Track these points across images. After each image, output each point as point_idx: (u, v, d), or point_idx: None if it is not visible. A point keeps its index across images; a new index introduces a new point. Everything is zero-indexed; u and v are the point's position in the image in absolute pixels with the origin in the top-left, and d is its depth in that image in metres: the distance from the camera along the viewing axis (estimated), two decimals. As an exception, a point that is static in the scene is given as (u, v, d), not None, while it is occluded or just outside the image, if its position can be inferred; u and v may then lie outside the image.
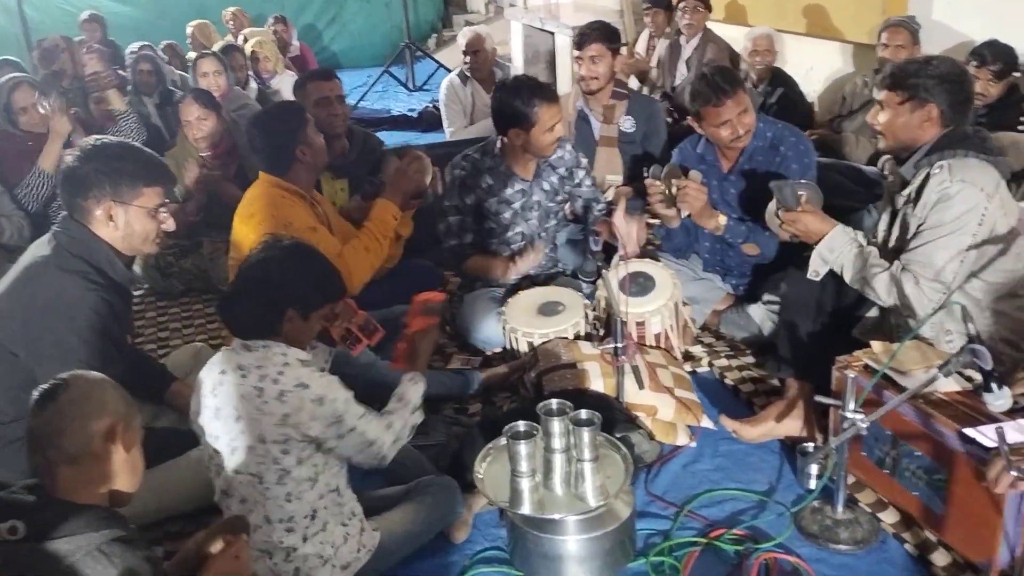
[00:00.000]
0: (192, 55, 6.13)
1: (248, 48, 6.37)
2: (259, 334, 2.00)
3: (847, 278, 2.58)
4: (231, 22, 7.92)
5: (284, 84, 6.21)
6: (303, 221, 2.89)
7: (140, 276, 4.21)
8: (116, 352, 2.34)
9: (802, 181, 2.90)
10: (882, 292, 2.50)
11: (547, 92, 3.23)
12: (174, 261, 4.16)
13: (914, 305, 2.44)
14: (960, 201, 2.36)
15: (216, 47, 6.10)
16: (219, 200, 4.01)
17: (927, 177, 2.44)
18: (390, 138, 6.98)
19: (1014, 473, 1.72)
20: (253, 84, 5.97)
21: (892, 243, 2.61)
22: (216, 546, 1.74)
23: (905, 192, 2.54)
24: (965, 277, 2.46)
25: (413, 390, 2.20)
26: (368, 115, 7.75)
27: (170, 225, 2.44)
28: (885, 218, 2.70)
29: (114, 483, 1.61)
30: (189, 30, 7.34)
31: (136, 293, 4.21)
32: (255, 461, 1.94)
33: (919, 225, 2.45)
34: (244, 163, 4.19)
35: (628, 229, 3.17)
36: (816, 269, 2.63)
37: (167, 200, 2.43)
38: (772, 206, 2.82)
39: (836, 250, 2.58)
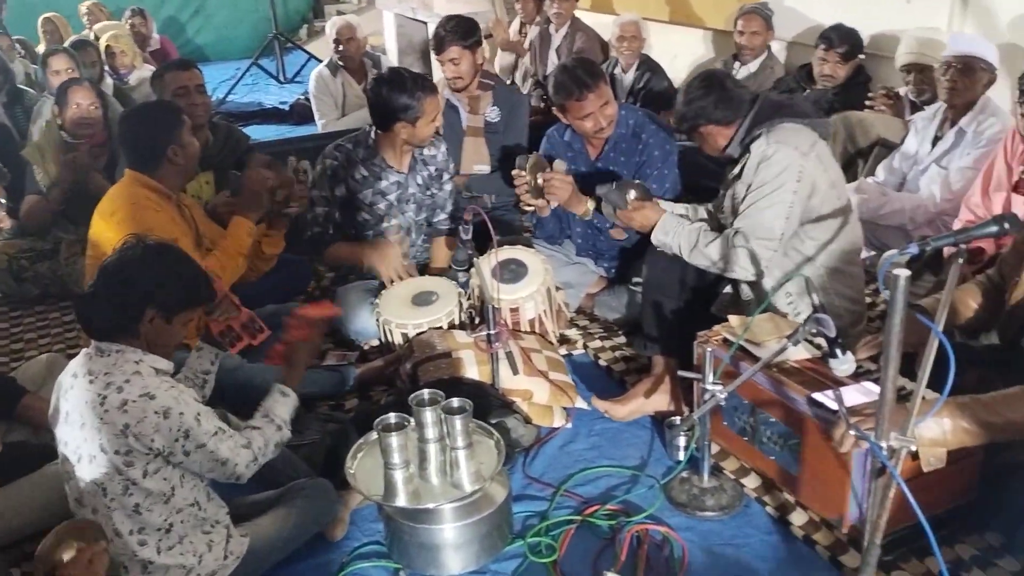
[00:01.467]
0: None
1: (102, 43, 6.07)
2: (115, 336, 1.93)
3: (684, 255, 2.71)
4: (87, 16, 7.52)
5: (144, 79, 5.95)
6: (165, 230, 2.74)
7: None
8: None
9: (632, 181, 3.04)
10: (716, 258, 2.64)
11: (428, 83, 3.25)
12: (28, 265, 3.93)
13: (747, 263, 2.59)
14: (777, 161, 2.54)
15: (67, 42, 5.78)
16: (84, 193, 3.82)
17: (747, 149, 2.62)
18: (262, 131, 6.80)
19: (852, 433, 1.83)
20: (109, 80, 5.69)
21: (728, 217, 2.78)
22: (68, 553, 1.66)
23: (736, 169, 2.69)
24: (817, 249, 2.62)
25: (282, 405, 2.12)
26: (238, 109, 7.51)
27: (7, 223, 2.33)
28: (728, 198, 2.84)
29: None
30: (39, 24, 6.94)
31: (-13, 302, 3.98)
32: (99, 471, 1.87)
33: (747, 190, 2.62)
34: (114, 158, 4.02)
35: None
36: (663, 250, 2.80)
37: (2, 200, 2.31)
38: (604, 202, 2.95)
39: (670, 232, 2.74)
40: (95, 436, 1.85)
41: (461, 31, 3.90)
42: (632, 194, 2.89)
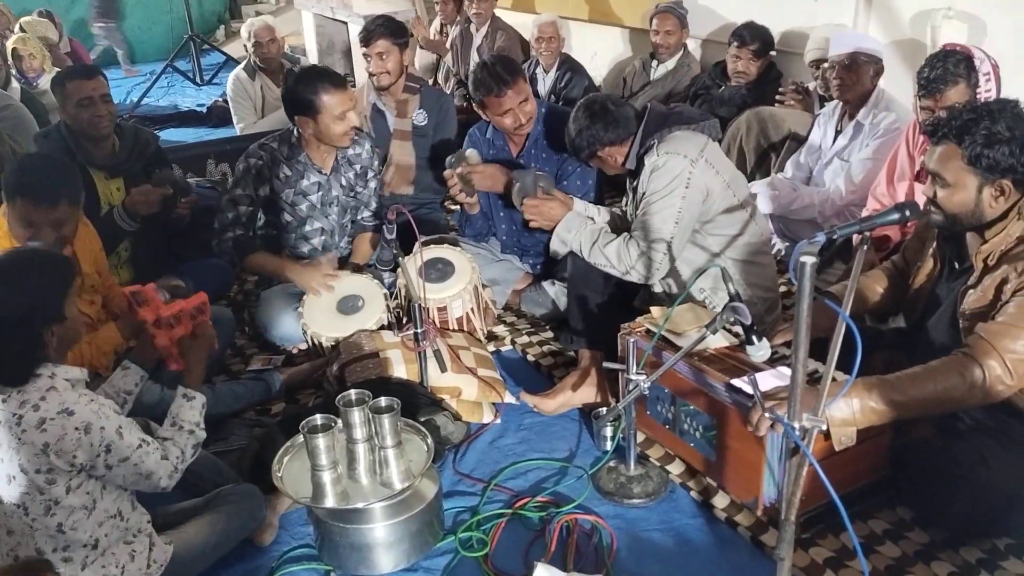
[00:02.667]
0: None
1: (9, 46, 5.86)
2: (30, 370, 1.82)
3: (585, 254, 2.82)
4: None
5: (53, 83, 5.76)
6: None
7: None
8: None
9: (540, 172, 3.10)
10: (613, 259, 2.75)
11: (333, 79, 3.18)
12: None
13: (641, 267, 2.71)
14: (667, 170, 2.65)
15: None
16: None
17: (642, 161, 2.74)
18: (180, 134, 6.68)
19: (767, 416, 1.89)
20: (15, 84, 5.48)
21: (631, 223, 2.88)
22: None
23: (635, 182, 2.81)
24: (722, 244, 2.71)
25: (187, 408, 2.06)
26: (154, 112, 7.35)
27: None
28: (631, 207, 2.95)
29: None
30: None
31: None
32: (18, 491, 1.80)
33: (642, 199, 2.72)
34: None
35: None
36: (555, 249, 2.91)
37: None
38: (514, 193, 3.01)
39: (573, 230, 2.84)
40: (13, 456, 1.78)
41: (391, 27, 3.92)
42: (542, 184, 2.98)
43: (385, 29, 3.91)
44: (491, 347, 3.23)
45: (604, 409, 2.65)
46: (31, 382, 1.82)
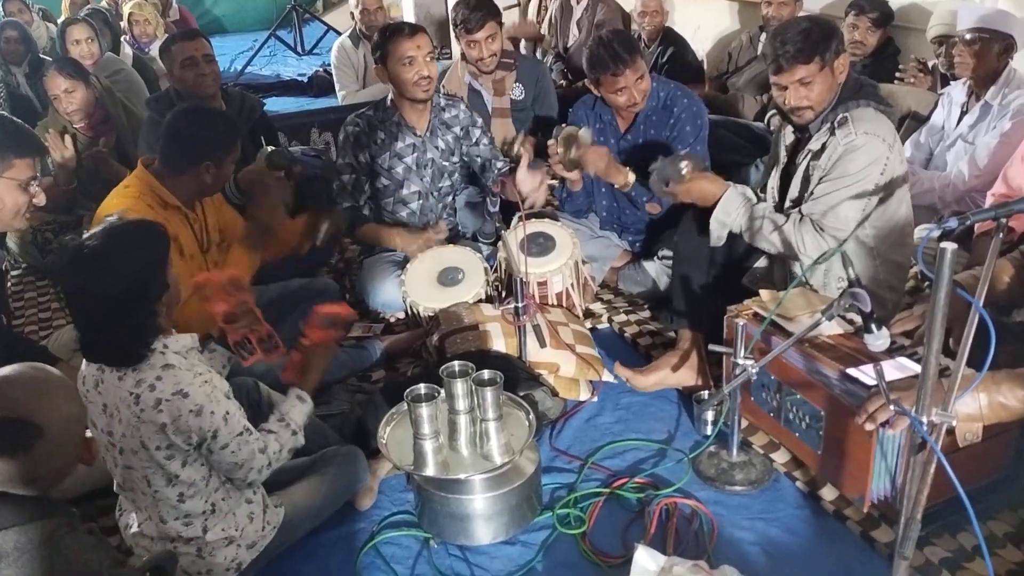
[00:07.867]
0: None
1: (126, 11, 6.07)
2: (146, 346, 1.81)
3: (746, 237, 2.65)
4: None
5: (164, 50, 5.95)
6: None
7: (17, 254, 4.01)
8: (-10, 334, 2.22)
9: (680, 152, 2.97)
10: (781, 245, 2.58)
11: (403, 27, 3.24)
12: (53, 238, 3.97)
13: (815, 252, 2.50)
14: (865, 153, 2.44)
15: (82, 12, 5.78)
16: (99, 173, 3.84)
17: (832, 130, 2.50)
18: (281, 103, 6.79)
19: (892, 408, 1.81)
20: (128, 50, 5.67)
21: (793, 196, 2.67)
22: None
23: (810, 146, 2.58)
24: (856, 224, 2.57)
25: (298, 410, 2.06)
26: (256, 81, 7.48)
27: (41, 199, 2.32)
28: (776, 174, 2.78)
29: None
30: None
31: (14, 273, 4.01)
32: (141, 464, 1.85)
33: (822, 176, 2.52)
34: (121, 134, 4.02)
35: (531, 183, 3.17)
36: (718, 235, 2.68)
37: (38, 173, 2.30)
38: (656, 176, 2.86)
39: (732, 212, 2.64)
40: (134, 433, 1.81)
41: (491, 7, 3.85)
42: (684, 165, 2.74)
43: (488, 12, 3.81)
44: (587, 324, 3.20)
45: (707, 392, 2.60)
46: (146, 358, 1.81)
